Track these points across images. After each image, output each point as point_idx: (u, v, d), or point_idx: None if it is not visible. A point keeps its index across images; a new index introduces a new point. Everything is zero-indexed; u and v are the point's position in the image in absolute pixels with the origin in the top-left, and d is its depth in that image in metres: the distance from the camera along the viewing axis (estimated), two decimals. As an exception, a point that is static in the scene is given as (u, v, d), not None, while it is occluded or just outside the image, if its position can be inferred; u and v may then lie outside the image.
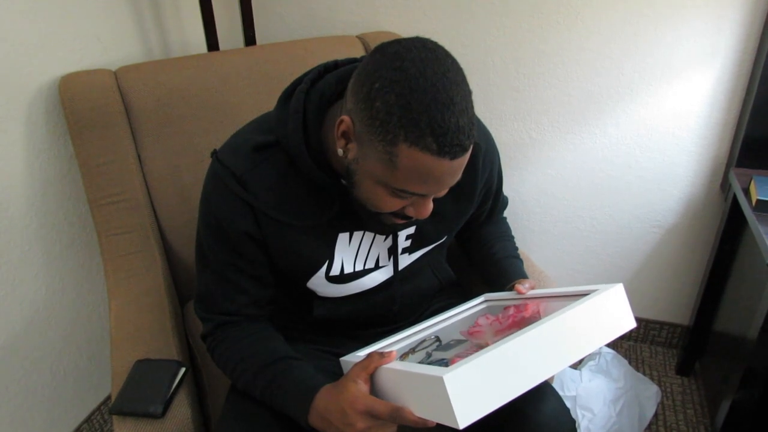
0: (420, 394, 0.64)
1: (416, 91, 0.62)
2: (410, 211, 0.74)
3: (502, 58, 1.50)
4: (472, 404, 0.59)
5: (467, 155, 0.67)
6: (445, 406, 0.58)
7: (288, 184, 0.79)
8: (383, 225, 0.81)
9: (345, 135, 0.70)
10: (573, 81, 1.48)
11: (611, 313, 0.71)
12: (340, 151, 0.71)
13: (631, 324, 0.72)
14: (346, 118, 0.68)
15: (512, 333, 0.74)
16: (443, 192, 0.73)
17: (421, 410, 0.64)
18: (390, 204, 0.72)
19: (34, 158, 1.19)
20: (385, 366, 0.70)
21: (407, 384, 0.66)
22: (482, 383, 0.60)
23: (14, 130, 1.14)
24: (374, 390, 0.72)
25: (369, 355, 0.73)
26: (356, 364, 0.73)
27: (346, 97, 0.70)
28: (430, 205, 0.73)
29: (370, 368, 0.71)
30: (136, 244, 1.15)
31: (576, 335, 0.67)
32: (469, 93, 0.66)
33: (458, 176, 0.69)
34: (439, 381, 0.58)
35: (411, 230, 0.89)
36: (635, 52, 1.41)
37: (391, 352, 0.72)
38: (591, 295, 0.71)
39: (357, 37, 1.45)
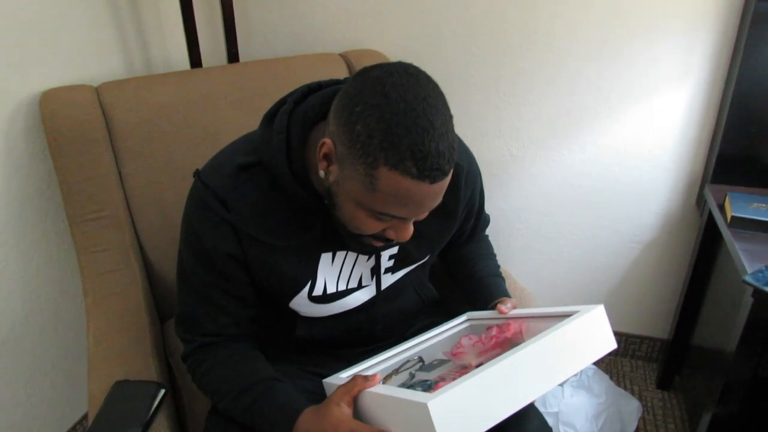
0: (404, 419, 0.64)
1: (397, 114, 0.63)
2: (391, 234, 0.74)
3: (482, 76, 1.52)
4: (457, 430, 0.59)
5: (447, 179, 0.68)
6: None
7: (270, 204, 0.79)
8: (364, 246, 0.82)
9: (327, 157, 0.70)
10: (551, 99, 1.51)
11: (593, 334, 0.72)
12: (321, 173, 0.72)
13: (611, 345, 0.73)
14: (327, 140, 0.69)
15: (495, 353, 0.75)
16: (424, 215, 0.73)
17: None
18: (370, 226, 0.72)
19: (12, 174, 1.17)
20: (368, 390, 0.70)
21: (391, 408, 0.66)
22: (466, 409, 0.60)
23: (-8, 146, 1.12)
24: (357, 413, 0.72)
25: (353, 378, 0.73)
26: (339, 387, 0.73)
27: (329, 119, 0.70)
28: (411, 229, 0.74)
29: (354, 391, 0.71)
30: (116, 262, 1.13)
31: (558, 358, 0.68)
32: (449, 118, 0.67)
33: (439, 200, 0.70)
34: (423, 407, 0.58)
35: (394, 250, 0.89)
36: (611, 71, 1.44)
37: (374, 375, 0.72)
38: (573, 317, 0.72)
39: (340, 54, 1.46)
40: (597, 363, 1.77)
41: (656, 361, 1.81)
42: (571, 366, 0.69)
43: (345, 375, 0.84)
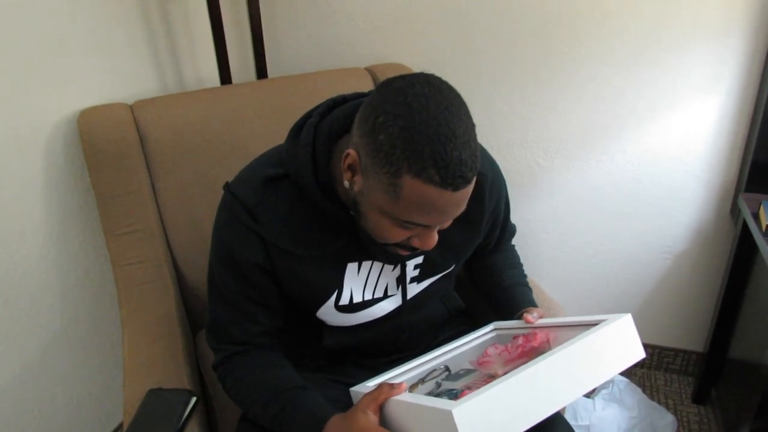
0: (429, 426, 0.64)
1: (419, 123, 0.64)
2: (416, 242, 0.75)
3: (508, 87, 1.52)
4: None
5: (470, 187, 0.69)
6: None
7: (297, 215, 0.81)
8: (390, 255, 0.83)
9: (351, 167, 0.72)
10: (579, 109, 1.50)
11: (620, 343, 0.71)
12: (346, 183, 0.73)
13: (640, 354, 0.72)
14: (352, 151, 0.70)
15: (521, 362, 0.74)
16: (448, 223, 0.74)
17: None
18: (395, 235, 0.73)
19: (52, 190, 1.22)
20: (394, 398, 0.71)
21: (417, 416, 0.67)
22: (491, 416, 0.60)
23: (34, 162, 1.17)
24: (383, 421, 0.73)
25: (379, 386, 0.73)
26: (366, 395, 0.74)
27: (353, 130, 0.72)
28: (435, 237, 0.75)
29: (380, 399, 0.72)
30: (150, 274, 1.17)
31: (585, 367, 0.67)
32: (472, 126, 0.68)
33: (462, 207, 0.71)
34: (448, 414, 0.58)
35: (419, 259, 0.90)
36: (640, 80, 1.43)
37: (401, 383, 0.72)
38: (600, 325, 0.71)
39: (366, 68, 1.49)
40: (629, 376, 1.74)
41: (692, 374, 1.76)
42: (597, 375, 0.68)
43: (372, 384, 0.84)
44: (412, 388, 0.80)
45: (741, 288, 1.46)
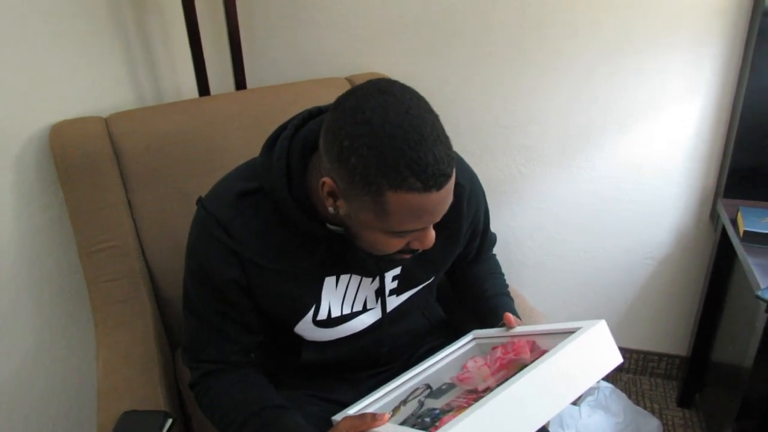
0: None
1: (385, 137, 0.63)
2: (415, 245, 0.75)
3: (490, 95, 1.52)
4: None
5: (453, 179, 0.68)
6: None
7: (273, 230, 0.80)
8: (371, 266, 0.82)
9: (331, 194, 0.71)
10: (560, 117, 1.50)
11: (597, 351, 0.70)
12: (330, 210, 0.73)
13: (617, 360, 0.72)
14: (327, 179, 0.69)
15: (501, 375, 0.73)
16: (439, 218, 0.73)
17: None
18: (393, 245, 0.73)
19: (23, 206, 1.19)
20: (375, 430, 0.70)
21: None
22: None
23: (3, 178, 1.14)
24: None
25: (362, 416, 0.72)
26: (348, 418, 0.73)
27: (321, 155, 0.71)
28: (433, 233, 0.74)
29: (362, 428, 0.71)
30: (126, 292, 1.14)
31: (564, 379, 0.67)
32: (436, 119, 0.67)
33: (450, 200, 0.70)
34: None
35: (397, 271, 0.89)
36: (619, 87, 1.44)
37: (383, 415, 0.71)
38: (575, 335, 0.70)
39: (346, 78, 1.48)
40: (614, 382, 1.74)
41: (676, 378, 1.77)
42: (577, 386, 0.68)
43: (352, 412, 0.83)
44: (394, 410, 0.78)
45: (721, 292, 1.47)
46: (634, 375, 1.80)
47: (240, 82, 1.51)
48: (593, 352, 0.70)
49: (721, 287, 1.47)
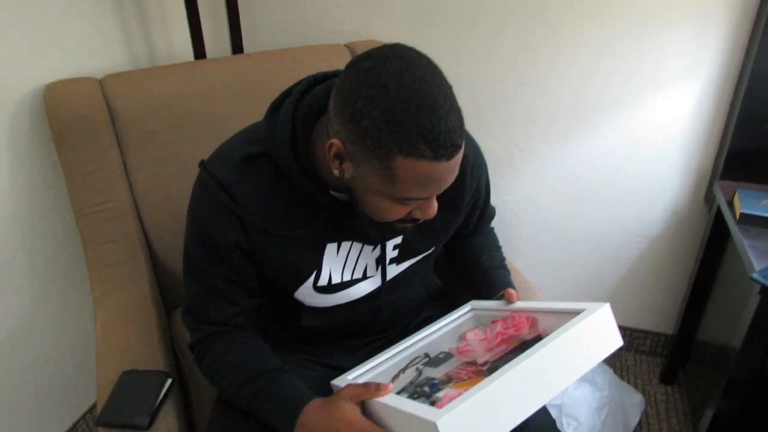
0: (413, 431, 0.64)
1: (399, 102, 0.63)
2: (417, 214, 0.75)
3: (490, 69, 1.51)
4: None
5: (462, 151, 0.68)
6: None
7: (275, 194, 0.79)
8: (372, 234, 0.83)
9: (338, 156, 0.70)
10: (560, 92, 1.50)
11: (600, 333, 0.71)
12: (336, 172, 0.72)
13: (618, 343, 0.73)
14: (335, 141, 0.69)
15: (501, 351, 0.74)
16: (444, 188, 0.73)
17: None
18: (396, 212, 0.73)
19: (18, 167, 1.17)
20: (378, 399, 0.70)
21: (400, 420, 0.67)
22: (476, 422, 0.60)
23: (-2, 138, 1.13)
24: (364, 415, 0.72)
25: (366, 385, 0.73)
26: (351, 386, 0.73)
27: (330, 118, 0.70)
28: (435, 204, 0.74)
29: (365, 397, 0.71)
30: (122, 254, 1.13)
31: (566, 360, 0.67)
32: (450, 89, 0.67)
33: (457, 171, 0.70)
34: (433, 426, 0.58)
35: (398, 240, 0.89)
36: (621, 65, 1.43)
37: (387, 385, 0.71)
38: (579, 317, 0.71)
39: (345, 45, 1.46)
40: (601, 357, 1.77)
41: (660, 355, 1.80)
42: (578, 367, 0.69)
43: (351, 377, 0.84)
44: (393, 378, 0.80)
45: (712, 273, 1.50)
46: (620, 351, 1.83)
47: (237, 47, 1.48)
48: (596, 335, 0.71)
49: (712, 268, 1.49)
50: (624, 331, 1.78)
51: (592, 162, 1.56)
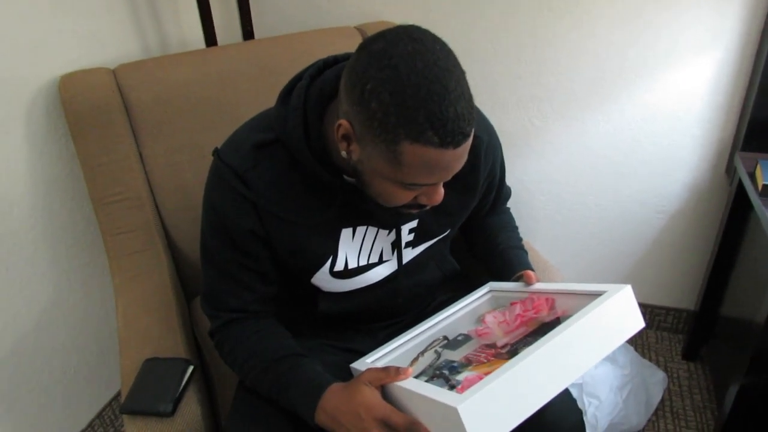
0: (434, 417, 0.64)
1: (409, 86, 0.62)
2: (423, 200, 0.75)
3: (504, 45, 1.48)
4: (488, 428, 0.59)
5: (470, 139, 0.67)
6: None
7: (290, 181, 0.79)
8: (388, 219, 0.82)
9: (346, 138, 0.70)
10: (575, 67, 1.47)
11: (621, 316, 0.70)
12: (343, 153, 0.71)
13: (640, 324, 0.72)
14: (344, 122, 0.68)
15: (521, 333, 0.74)
16: (451, 176, 0.72)
17: (435, 430, 0.64)
18: (402, 197, 0.73)
19: (36, 159, 1.19)
20: (398, 383, 0.71)
21: (421, 405, 0.67)
22: (497, 407, 0.60)
23: (16, 131, 1.14)
24: (385, 399, 0.72)
25: (385, 369, 0.73)
26: (371, 370, 0.73)
27: (340, 98, 0.69)
28: (441, 191, 0.74)
29: (385, 381, 0.72)
30: (141, 243, 1.15)
31: (588, 343, 0.67)
32: (462, 75, 0.66)
33: (464, 159, 0.69)
34: (454, 411, 0.58)
35: (414, 224, 0.89)
36: (638, 37, 1.39)
37: (407, 369, 0.72)
38: (600, 299, 0.70)
39: (356, 27, 1.44)
40: (622, 335, 1.76)
41: (682, 332, 1.79)
42: (600, 350, 0.68)
43: (370, 360, 0.84)
44: (412, 362, 0.80)
45: (734, 247, 1.47)
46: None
47: (247, 33, 1.47)
48: (618, 317, 0.70)
49: (734, 242, 1.46)
50: (645, 308, 1.76)
51: (609, 138, 1.53)
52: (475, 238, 1.07)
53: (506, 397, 0.61)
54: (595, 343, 0.68)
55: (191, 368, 0.91)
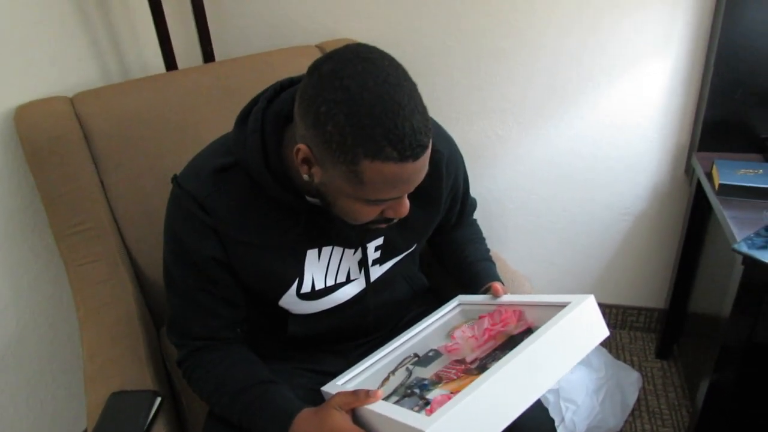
0: None
1: (363, 106, 0.62)
2: (390, 213, 0.75)
3: (463, 58, 1.50)
4: None
5: (429, 149, 0.68)
6: None
7: (251, 204, 0.79)
8: (353, 237, 0.82)
9: (306, 161, 0.70)
10: (535, 77, 1.49)
11: (586, 326, 0.71)
12: (305, 177, 0.72)
13: (604, 333, 0.73)
14: (302, 146, 0.68)
15: (489, 346, 0.74)
16: (414, 187, 0.72)
17: None
18: (368, 214, 0.73)
19: (-7, 192, 1.16)
20: (368, 406, 0.70)
21: (391, 427, 0.66)
22: (466, 427, 0.60)
23: (-30, 164, 1.11)
24: (354, 422, 0.72)
25: (355, 393, 0.73)
26: (341, 394, 0.73)
27: (296, 122, 0.69)
28: (407, 203, 0.74)
29: (355, 404, 0.71)
30: (105, 273, 1.12)
31: (553, 356, 0.67)
32: (414, 88, 0.66)
33: (426, 169, 0.70)
34: None
35: (380, 241, 0.89)
36: (593, 44, 1.43)
37: (376, 392, 0.71)
38: (564, 311, 0.71)
39: (316, 46, 1.44)
40: (596, 337, 1.78)
41: (654, 331, 1.82)
42: (567, 361, 0.69)
43: (341, 382, 0.84)
44: (383, 381, 0.79)
45: (697, 245, 1.51)
46: (613, 329, 1.84)
47: (208, 54, 1.46)
48: (582, 327, 0.71)
49: (697, 240, 1.50)
50: (617, 309, 1.79)
51: (572, 144, 1.56)
52: (443, 253, 1.07)
53: (475, 416, 0.61)
54: (561, 354, 0.68)
55: (159, 400, 0.89)
